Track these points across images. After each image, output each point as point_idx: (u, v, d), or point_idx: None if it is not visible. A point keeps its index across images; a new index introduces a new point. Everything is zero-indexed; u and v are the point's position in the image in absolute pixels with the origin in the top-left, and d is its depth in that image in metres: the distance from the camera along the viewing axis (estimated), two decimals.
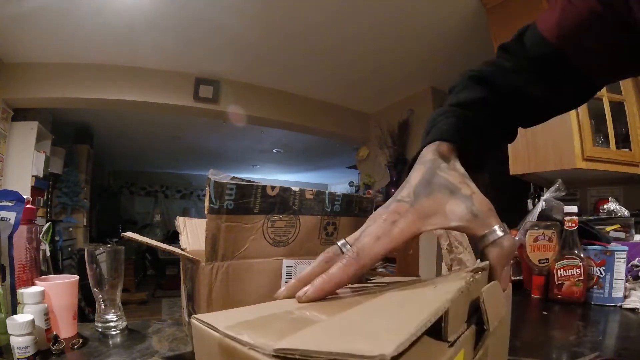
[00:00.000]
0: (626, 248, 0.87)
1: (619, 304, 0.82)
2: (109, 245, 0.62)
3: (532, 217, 1.02)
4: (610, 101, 1.68)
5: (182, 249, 0.54)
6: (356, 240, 0.31)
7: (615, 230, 1.10)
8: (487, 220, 0.31)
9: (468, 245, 0.96)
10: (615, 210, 1.36)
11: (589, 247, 0.88)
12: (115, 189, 6.54)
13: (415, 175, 0.33)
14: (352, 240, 0.32)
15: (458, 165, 0.34)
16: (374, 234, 0.30)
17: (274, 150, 5.28)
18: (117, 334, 0.60)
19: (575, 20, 0.35)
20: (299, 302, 0.27)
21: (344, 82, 3.17)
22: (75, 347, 0.53)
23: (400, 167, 3.26)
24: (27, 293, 0.49)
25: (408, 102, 3.33)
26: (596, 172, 1.71)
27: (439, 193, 0.32)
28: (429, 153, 0.35)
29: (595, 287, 0.85)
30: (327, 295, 0.28)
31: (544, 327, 0.73)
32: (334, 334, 0.19)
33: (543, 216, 1.01)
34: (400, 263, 3.02)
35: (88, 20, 2.19)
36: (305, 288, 0.28)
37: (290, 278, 0.47)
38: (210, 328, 0.20)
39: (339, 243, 0.33)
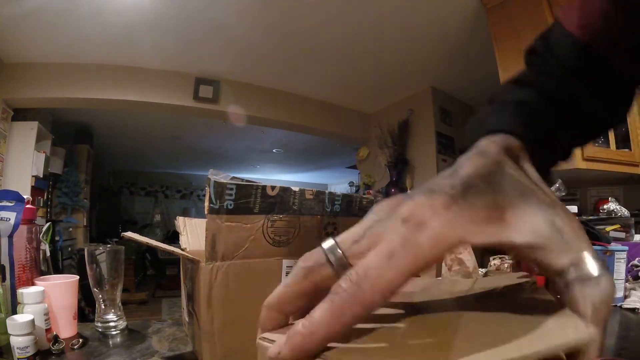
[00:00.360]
0: (626, 248, 0.87)
1: (619, 304, 0.82)
2: (109, 245, 0.62)
3: None
4: None
5: (182, 249, 0.54)
6: (356, 253, 0.20)
7: (615, 230, 1.10)
8: (575, 243, 0.19)
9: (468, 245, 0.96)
10: (615, 210, 1.36)
11: None
12: (115, 189, 6.54)
13: (468, 166, 0.21)
14: (349, 248, 0.20)
15: (532, 168, 0.24)
16: (385, 247, 0.18)
17: (274, 150, 5.28)
18: (117, 334, 0.60)
19: (595, 5, 0.29)
20: None
21: (344, 82, 3.17)
22: (75, 347, 0.53)
23: (400, 167, 3.26)
24: (27, 293, 0.49)
25: (408, 102, 3.33)
26: (596, 172, 1.71)
27: (503, 194, 0.21)
28: (492, 145, 0.23)
29: None
30: (309, 357, 0.17)
31: None
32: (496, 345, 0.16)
33: None
34: None
35: (88, 20, 2.19)
36: (278, 344, 0.18)
37: None
38: None
39: (325, 246, 0.20)
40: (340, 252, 0.20)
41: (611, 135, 1.65)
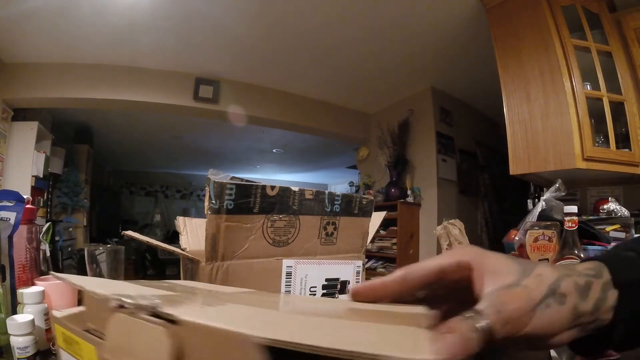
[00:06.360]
0: None
1: None
2: (109, 245, 0.62)
3: (532, 217, 1.02)
4: (610, 101, 1.68)
5: (182, 249, 0.54)
6: None
7: (615, 230, 1.10)
8: None
9: (468, 245, 0.96)
10: (615, 210, 1.36)
11: (589, 247, 0.88)
12: (115, 189, 6.54)
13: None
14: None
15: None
16: None
17: (274, 150, 5.28)
18: None
19: None
20: None
21: (345, 82, 3.17)
22: None
23: (400, 167, 3.26)
24: (27, 293, 0.49)
25: (408, 102, 3.33)
26: (596, 172, 1.71)
27: None
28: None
29: None
30: None
31: None
32: None
33: (543, 216, 1.01)
34: (400, 263, 3.03)
35: (88, 20, 2.19)
36: None
37: (290, 278, 0.47)
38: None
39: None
40: None
41: (611, 135, 1.65)
